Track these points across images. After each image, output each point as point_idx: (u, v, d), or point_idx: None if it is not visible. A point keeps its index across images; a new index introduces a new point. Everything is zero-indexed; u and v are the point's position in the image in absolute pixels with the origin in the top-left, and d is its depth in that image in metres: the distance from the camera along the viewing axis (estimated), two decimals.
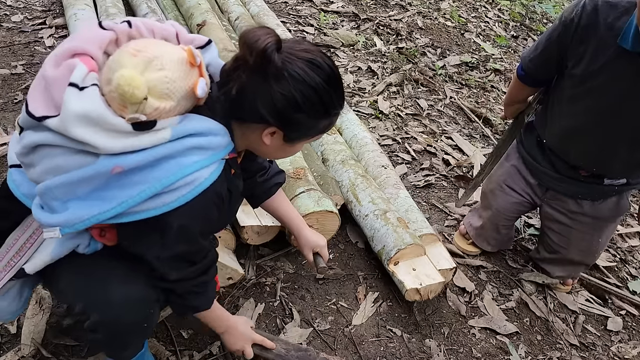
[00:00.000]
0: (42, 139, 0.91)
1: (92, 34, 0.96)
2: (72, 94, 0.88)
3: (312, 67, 1.00)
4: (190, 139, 0.96)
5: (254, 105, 1.01)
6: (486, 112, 3.18)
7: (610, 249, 2.36)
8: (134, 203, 0.93)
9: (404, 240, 1.76)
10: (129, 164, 0.91)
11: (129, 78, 0.87)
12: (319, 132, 1.13)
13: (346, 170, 2.04)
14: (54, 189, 0.92)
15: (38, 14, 3.25)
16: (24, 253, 1.08)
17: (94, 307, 1.10)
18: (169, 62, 0.92)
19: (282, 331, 1.66)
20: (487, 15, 4.92)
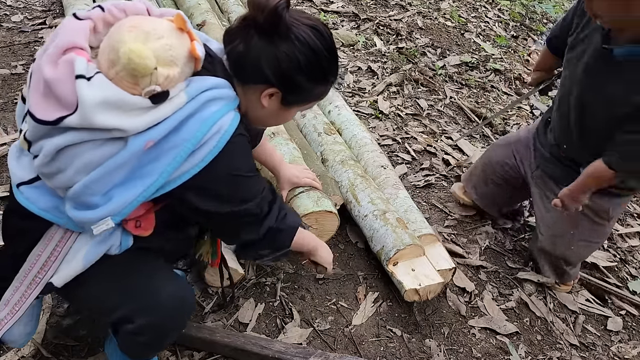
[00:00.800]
0: (64, 140, 0.91)
1: (73, 27, 0.97)
2: (84, 85, 0.89)
3: (315, 33, 1.06)
4: (203, 94, 0.99)
5: (258, 64, 1.05)
6: (486, 112, 3.18)
7: (611, 249, 2.36)
8: (173, 169, 0.95)
9: (403, 241, 1.76)
10: (158, 135, 0.94)
11: (137, 50, 0.89)
12: (314, 99, 1.18)
13: (345, 170, 2.04)
14: (92, 185, 0.94)
15: (38, 14, 3.25)
16: (48, 267, 1.06)
17: (143, 312, 1.12)
18: (164, 30, 0.95)
19: (282, 331, 1.66)
20: (487, 15, 4.92)
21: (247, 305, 1.72)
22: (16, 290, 1.09)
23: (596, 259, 2.24)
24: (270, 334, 1.65)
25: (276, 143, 1.93)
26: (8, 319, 1.10)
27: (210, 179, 1.02)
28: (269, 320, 1.70)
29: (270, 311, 1.72)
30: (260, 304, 1.73)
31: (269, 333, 1.66)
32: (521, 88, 3.72)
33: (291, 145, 1.97)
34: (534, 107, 3.02)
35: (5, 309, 1.10)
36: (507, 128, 3.10)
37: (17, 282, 1.08)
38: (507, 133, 3.06)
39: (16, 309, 1.09)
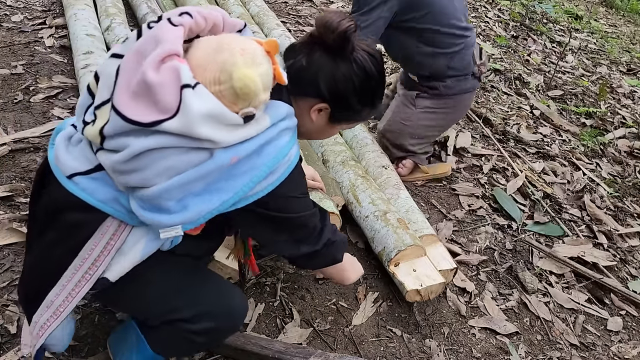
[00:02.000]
0: (155, 143, 0.93)
1: (172, 34, 0.98)
2: (191, 95, 0.91)
3: (372, 60, 1.14)
4: (281, 123, 1.06)
5: (315, 78, 1.13)
6: (486, 112, 3.18)
7: (611, 249, 2.36)
8: (248, 189, 1.01)
9: (404, 242, 1.76)
10: (243, 153, 0.99)
11: (251, 77, 0.96)
12: (359, 120, 1.27)
13: (346, 171, 2.04)
14: (172, 190, 0.96)
15: (38, 14, 3.25)
16: (100, 263, 1.04)
17: (214, 316, 1.19)
18: (262, 56, 1.01)
19: (282, 331, 1.66)
20: (487, 15, 4.92)
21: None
22: (63, 288, 1.05)
23: (596, 258, 2.24)
24: (270, 334, 1.65)
25: None
26: (51, 322, 1.06)
27: (273, 200, 1.08)
28: (269, 320, 1.70)
29: (270, 311, 1.72)
30: (260, 304, 1.74)
31: (269, 333, 1.66)
32: (521, 88, 3.72)
33: None
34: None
35: (47, 311, 1.06)
36: (507, 128, 3.10)
37: (65, 280, 1.04)
38: (506, 133, 3.06)
39: (60, 310, 1.06)
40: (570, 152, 3.07)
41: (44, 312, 1.06)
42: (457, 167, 2.66)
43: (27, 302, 1.12)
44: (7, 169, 2.03)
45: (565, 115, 3.53)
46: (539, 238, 2.32)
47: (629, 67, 4.75)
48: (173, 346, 1.29)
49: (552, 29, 5.18)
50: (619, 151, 3.21)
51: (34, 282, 1.09)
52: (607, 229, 2.45)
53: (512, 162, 2.78)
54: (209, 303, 1.20)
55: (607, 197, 2.71)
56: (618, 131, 3.41)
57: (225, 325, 1.23)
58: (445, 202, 2.39)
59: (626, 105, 3.88)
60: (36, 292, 1.08)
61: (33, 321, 1.08)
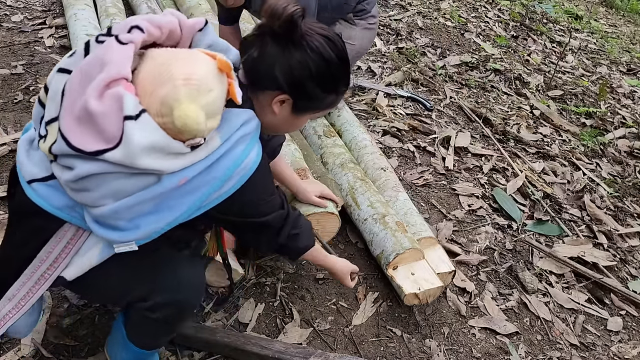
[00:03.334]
0: (98, 169, 0.92)
1: (119, 55, 0.95)
2: (132, 127, 0.90)
3: (328, 43, 1.09)
4: (234, 135, 1.04)
5: (271, 70, 1.08)
6: (486, 112, 3.18)
7: (611, 249, 2.36)
8: (201, 202, 1.01)
9: (402, 245, 1.75)
10: (191, 174, 0.98)
11: (193, 116, 0.93)
12: (325, 107, 1.21)
13: (345, 173, 2.03)
14: (120, 212, 0.96)
15: (38, 14, 3.25)
16: (58, 265, 1.08)
17: (163, 289, 1.16)
18: (213, 79, 0.97)
19: (282, 331, 1.66)
20: (487, 15, 4.93)
21: (247, 305, 1.72)
22: (22, 285, 1.09)
23: (596, 258, 2.24)
24: (270, 334, 1.65)
25: None
26: (13, 314, 1.11)
27: (232, 204, 1.08)
28: (269, 320, 1.70)
29: (270, 311, 1.72)
30: (260, 304, 1.73)
31: (269, 333, 1.66)
32: (521, 88, 3.72)
33: (292, 146, 1.97)
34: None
35: (9, 304, 1.10)
36: (507, 128, 3.10)
37: (25, 277, 1.09)
38: (506, 133, 3.06)
39: (22, 304, 1.10)
40: (570, 152, 3.07)
41: (5, 304, 1.11)
42: (457, 167, 2.66)
43: None
44: (7, 169, 2.03)
45: (565, 115, 3.53)
46: (539, 238, 2.32)
47: (629, 67, 4.75)
48: (142, 332, 1.28)
49: (552, 29, 5.18)
50: (619, 151, 3.20)
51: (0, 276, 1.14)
52: (607, 229, 2.45)
53: (512, 162, 2.78)
54: (158, 278, 1.18)
55: (607, 197, 2.71)
56: (618, 131, 3.41)
57: (176, 298, 1.18)
58: (445, 202, 2.39)
59: (626, 105, 3.88)
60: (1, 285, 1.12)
61: None
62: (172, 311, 1.20)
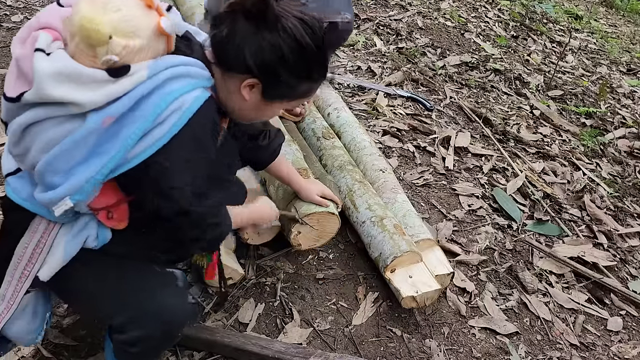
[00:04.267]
0: (27, 118, 0.91)
1: (51, 11, 0.97)
2: (40, 58, 0.88)
3: (304, 26, 1.02)
4: (167, 71, 0.96)
5: (240, 51, 1.01)
6: (486, 112, 3.18)
7: (611, 249, 2.36)
8: (129, 146, 0.92)
9: (400, 248, 1.75)
10: (116, 112, 0.92)
11: (89, 16, 0.89)
12: (298, 96, 1.13)
13: (344, 176, 2.03)
14: (53, 162, 0.92)
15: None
16: (35, 260, 1.06)
17: (137, 323, 1.08)
18: (126, 3, 0.93)
19: (282, 331, 1.66)
20: (487, 15, 4.93)
21: (247, 305, 1.72)
22: (9, 284, 1.08)
23: (596, 258, 2.24)
24: (270, 334, 1.65)
25: None
26: (4, 313, 1.10)
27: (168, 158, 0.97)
28: (269, 320, 1.70)
29: (270, 311, 1.72)
30: (260, 304, 1.73)
31: (269, 333, 1.66)
32: (521, 88, 3.72)
33: (294, 146, 1.97)
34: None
35: (2, 303, 1.10)
36: (507, 128, 3.10)
37: (9, 275, 1.08)
38: (506, 133, 3.06)
39: (10, 302, 1.09)
40: (570, 152, 3.07)
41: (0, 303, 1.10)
42: (457, 167, 2.66)
43: None
44: None
45: (565, 115, 3.53)
46: (539, 238, 2.32)
47: (629, 67, 4.75)
48: (121, 356, 1.22)
49: (552, 29, 5.18)
50: (619, 151, 3.20)
51: None
52: (607, 229, 2.45)
53: (512, 162, 2.78)
54: (135, 307, 1.10)
55: (607, 197, 2.71)
56: (618, 131, 3.41)
57: (155, 332, 1.10)
58: (445, 202, 2.39)
59: (626, 105, 3.88)
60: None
61: None
62: (152, 345, 1.14)
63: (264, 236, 1.79)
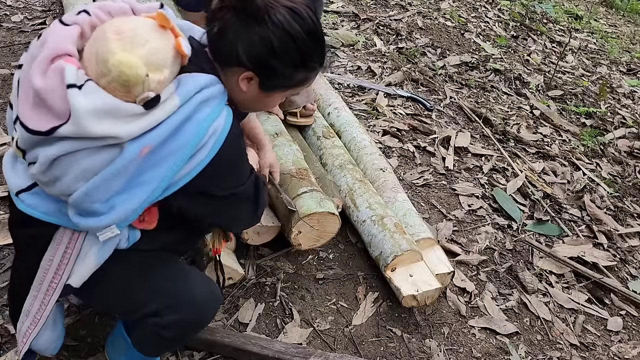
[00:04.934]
0: (59, 150, 0.91)
1: (60, 34, 0.95)
2: (76, 95, 0.88)
3: (293, 16, 1.02)
4: (196, 97, 0.99)
5: (232, 46, 1.03)
6: (486, 112, 3.18)
7: (611, 249, 2.36)
8: (173, 174, 0.96)
9: (400, 247, 1.75)
10: (153, 141, 0.93)
11: (126, 62, 0.89)
12: (295, 85, 1.14)
13: (344, 175, 2.03)
14: (92, 193, 0.93)
15: (38, 14, 3.25)
16: (62, 271, 1.06)
17: (176, 308, 1.13)
18: (148, 32, 0.94)
19: (282, 331, 1.66)
20: (487, 15, 4.93)
21: (247, 305, 1.72)
22: (35, 299, 1.08)
23: (596, 258, 2.24)
24: (270, 334, 1.65)
25: (279, 144, 1.93)
26: (32, 329, 1.10)
27: (210, 178, 1.03)
28: (269, 320, 1.70)
29: (270, 311, 1.72)
30: (260, 304, 1.74)
31: (269, 333, 1.66)
32: (521, 88, 3.72)
33: (294, 146, 1.97)
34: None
35: (27, 320, 1.09)
36: (507, 128, 3.10)
37: (34, 290, 1.08)
38: (506, 133, 3.06)
39: (37, 317, 1.09)
40: (570, 152, 3.07)
41: (24, 320, 1.10)
42: (457, 167, 2.66)
43: (11, 311, 1.18)
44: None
45: (565, 115, 3.53)
46: (539, 238, 2.32)
47: (629, 67, 4.75)
48: (150, 343, 1.27)
49: (552, 29, 5.18)
50: (619, 151, 3.20)
51: (13, 292, 1.15)
52: (607, 229, 2.45)
53: (512, 162, 2.78)
54: (171, 295, 1.14)
55: (607, 197, 2.71)
56: (618, 131, 3.41)
57: (189, 317, 1.15)
58: (445, 202, 2.39)
59: (626, 105, 3.88)
60: (16, 301, 1.12)
61: (17, 329, 1.12)
62: (186, 329, 1.19)
63: (264, 236, 1.79)
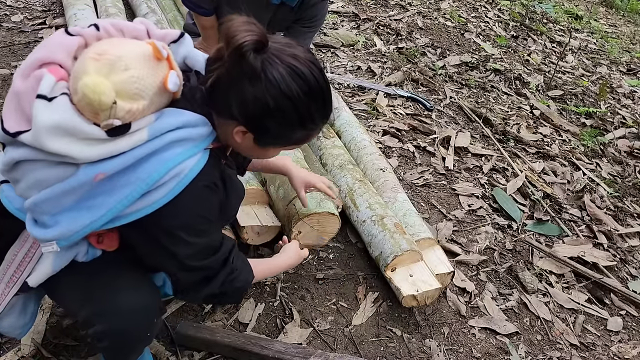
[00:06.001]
0: (20, 155, 0.90)
1: (58, 41, 0.94)
2: (41, 106, 0.86)
3: (292, 75, 0.95)
4: (169, 135, 0.94)
5: (226, 100, 0.98)
6: (486, 112, 3.18)
7: (611, 249, 2.36)
8: (123, 207, 0.92)
9: (400, 247, 1.75)
10: (110, 169, 0.90)
11: (92, 85, 0.85)
12: (294, 143, 1.09)
13: (344, 175, 2.03)
14: (41, 204, 0.91)
15: (38, 14, 3.25)
16: (24, 267, 1.07)
17: (101, 316, 1.08)
18: (134, 60, 0.89)
19: (282, 331, 1.66)
20: (487, 15, 4.93)
21: (247, 305, 1.72)
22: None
23: (596, 258, 2.24)
24: (270, 334, 1.65)
25: None
26: None
27: (160, 223, 0.98)
28: (269, 320, 1.70)
29: (270, 311, 1.72)
30: (260, 304, 1.74)
31: (269, 333, 1.66)
32: (521, 88, 3.72)
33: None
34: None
35: None
36: (507, 128, 3.10)
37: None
38: (506, 133, 3.06)
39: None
40: (570, 152, 3.07)
41: None
42: (457, 167, 2.66)
43: None
44: None
45: (565, 115, 3.53)
46: (539, 238, 2.32)
47: (629, 67, 4.75)
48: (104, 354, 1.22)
49: (552, 29, 5.18)
50: (619, 151, 3.21)
51: None
52: (607, 229, 2.45)
53: (512, 162, 2.78)
54: (99, 301, 1.08)
55: (607, 197, 2.71)
56: (618, 131, 3.41)
57: (118, 325, 1.07)
58: (445, 202, 2.39)
59: (626, 105, 3.88)
60: None
61: None
62: (116, 340, 1.11)
63: (264, 236, 1.79)
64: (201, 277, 1.12)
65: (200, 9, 1.99)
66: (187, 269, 1.08)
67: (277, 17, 1.99)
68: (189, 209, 0.99)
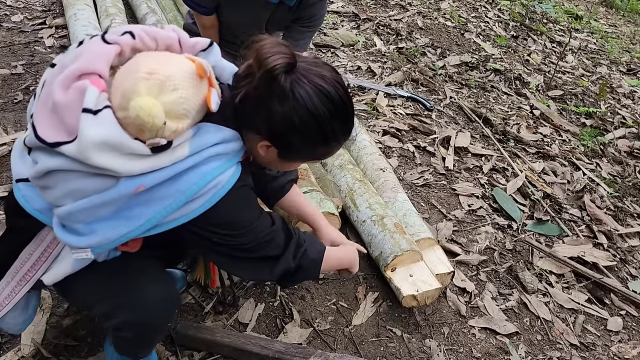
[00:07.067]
0: (56, 164, 0.90)
1: (97, 51, 0.94)
2: (88, 121, 0.87)
3: (319, 95, 0.99)
4: (207, 150, 0.97)
5: (253, 117, 1.02)
6: (486, 112, 3.18)
7: (611, 249, 2.36)
8: (162, 217, 0.95)
9: (400, 247, 1.75)
10: (151, 183, 0.92)
11: (146, 108, 0.86)
12: (316, 158, 1.14)
13: (344, 175, 2.03)
14: (77, 214, 0.92)
15: (38, 14, 3.25)
16: (39, 267, 1.07)
17: (124, 309, 1.11)
18: (181, 80, 0.91)
19: (282, 331, 1.66)
20: (487, 15, 4.93)
21: (247, 305, 1.72)
22: (7, 284, 1.10)
23: (596, 258, 2.24)
24: (270, 334, 1.65)
25: None
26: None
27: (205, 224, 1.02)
28: (269, 320, 1.70)
29: (270, 311, 1.72)
30: (260, 304, 1.74)
31: (269, 333, 1.66)
32: (521, 88, 3.72)
33: None
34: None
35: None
36: (507, 128, 3.10)
37: (9, 277, 1.09)
38: (506, 133, 3.06)
39: (6, 302, 1.10)
40: (570, 152, 3.07)
41: None
42: (457, 167, 2.66)
43: None
44: (7, 169, 2.03)
45: (565, 115, 3.53)
46: (539, 238, 2.32)
47: (629, 67, 4.76)
48: (116, 345, 1.25)
49: (552, 29, 5.18)
50: (619, 151, 3.21)
51: None
52: (607, 229, 2.45)
53: (512, 162, 2.78)
54: (123, 294, 1.12)
55: (607, 197, 2.71)
56: (618, 131, 3.41)
57: (142, 316, 1.12)
58: (445, 202, 2.39)
59: (626, 105, 3.88)
60: None
61: None
62: (139, 330, 1.15)
63: None
64: (269, 254, 1.13)
65: (201, 8, 2.00)
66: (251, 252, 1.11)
67: (275, 17, 1.99)
68: (229, 212, 1.04)
